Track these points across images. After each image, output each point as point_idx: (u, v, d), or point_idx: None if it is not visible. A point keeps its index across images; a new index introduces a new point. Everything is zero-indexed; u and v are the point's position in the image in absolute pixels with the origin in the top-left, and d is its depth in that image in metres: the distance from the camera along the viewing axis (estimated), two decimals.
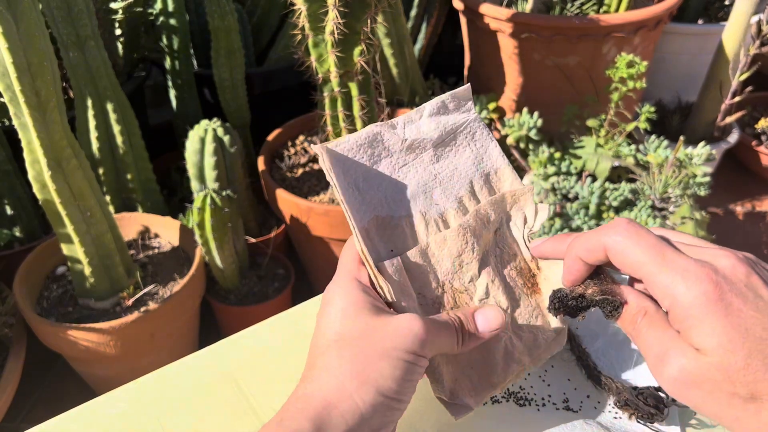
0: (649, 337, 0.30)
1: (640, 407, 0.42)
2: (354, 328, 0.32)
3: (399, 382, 0.31)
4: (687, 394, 0.28)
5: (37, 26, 0.73)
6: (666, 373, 0.28)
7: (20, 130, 0.78)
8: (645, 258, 0.29)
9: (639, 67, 1.06)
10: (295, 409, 0.32)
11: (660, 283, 0.28)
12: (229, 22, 1.12)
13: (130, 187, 1.12)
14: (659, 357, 0.29)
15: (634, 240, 0.30)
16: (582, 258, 0.33)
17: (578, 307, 0.34)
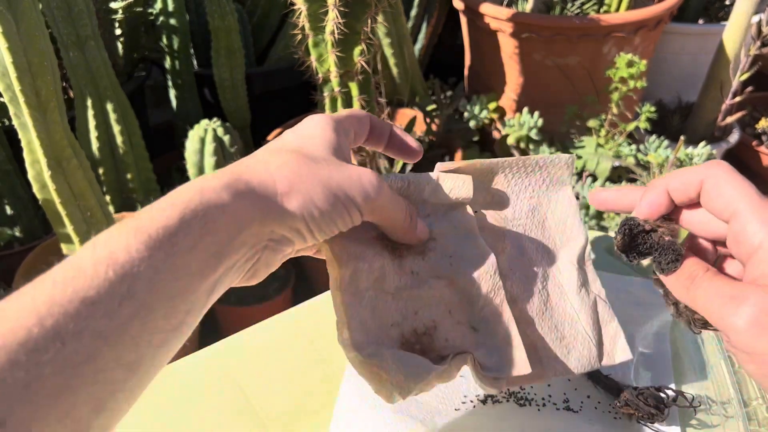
0: (714, 285, 0.28)
1: (640, 407, 0.42)
2: (314, 151, 0.30)
3: (322, 214, 0.29)
4: (758, 341, 0.26)
5: (37, 26, 0.73)
6: (741, 313, 0.26)
7: (20, 130, 0.78)
8: (742, 196, 0.28)
9: (638, 67, 1.06)
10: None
11: (758, 220, 0.27)
12: (229, 22, 1.12)
13: (130, 187, 1.12)
14: (733, 297, 0.27)
15: (733, 176, 0.29)
16: (671, 192, 0.31)
17: (643, 244, 0.32)
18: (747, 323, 0.26)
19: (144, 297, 0.23)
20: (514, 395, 0.44)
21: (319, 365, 0.48)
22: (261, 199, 0.27)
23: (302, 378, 0.47)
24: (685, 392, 0.43)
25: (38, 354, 0.20)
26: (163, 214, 0.24)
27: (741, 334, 0.26)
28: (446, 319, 0.34)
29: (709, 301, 0.28)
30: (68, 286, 0.22)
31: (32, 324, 0.20)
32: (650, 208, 0.32)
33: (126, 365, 0.23)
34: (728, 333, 0.27)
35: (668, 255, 0.31)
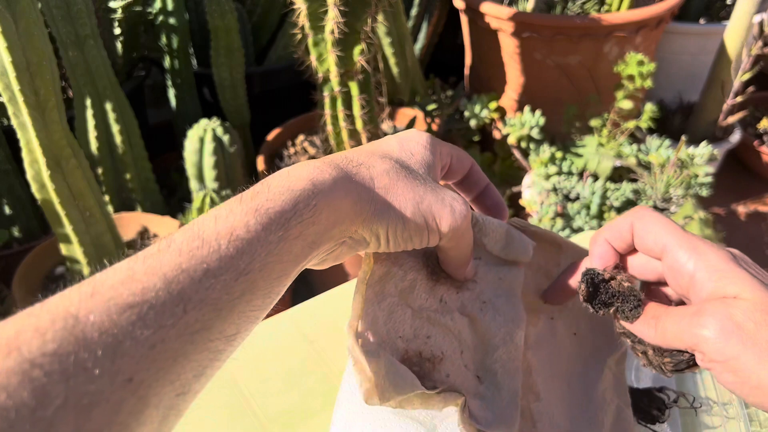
0: (678, 312, 0.30)
1: (641, 409, 0.42)
2: (414, 167, 0.31)
3: (406, 230, 0.30)
4: (727, 345, 0.27)
5: (36, 25, 0.73)
6: (707, 324, 0.28)
7: (19, 130, 0.77)
8: (668, 232, 0.31)
9: (648, 66, 1.06)
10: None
11: (686, 249, 0.30)
12: (228, 21, 1.11)
13: (129, 186, 1.11)
14: (696, 314, 0.29)
15: (658, 217, 0.32)
16: (609, 241, 0.34)
17: (605, 292, 0.33)
18: (714, 332, 0.28)
19: (255, 276, 0.24)
20: None
21: (318, 365, 0.48)
22: (359, 200, 0.28)
23: (302, 378, 0.47)
24: (687, 393, 0.42)
25: (164, 317, 0.21)
26: (281, 198, 0.26)
27: (711, 343, 0.28)
28: (455, 357, 0.34)
29: (677, 327, 0.30)
30: (193, 255, 0.23)
31: (160, 287, 0.22)
32: (600, 259, 0.34)
33: (227, 337, 0.24)
34: (701, 347, 0.28)
35: (630, 302, 0.33)
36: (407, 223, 0.29)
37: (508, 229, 0.37)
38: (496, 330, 0.35)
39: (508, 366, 0.34)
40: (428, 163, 0.32)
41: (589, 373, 0.39)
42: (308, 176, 0.27)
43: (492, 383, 0.34)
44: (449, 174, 0.37)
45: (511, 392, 0.33)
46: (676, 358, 0.32)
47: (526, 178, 1.22)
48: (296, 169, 0.28)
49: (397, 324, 0.33)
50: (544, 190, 1.13)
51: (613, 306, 0.33)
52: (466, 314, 0.35)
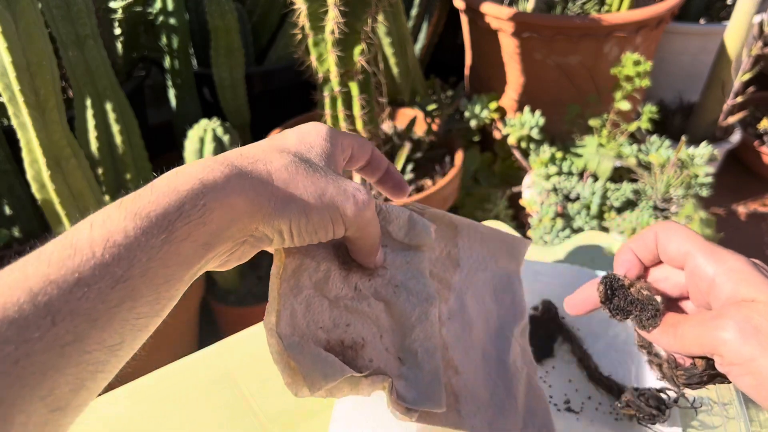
0: (696, 318, 0.30)
1: (641, 408, 0.42)
2: (314, 159, 0.31)
3: (310, 223, 0.29)
4: (746, 347, 0.27)
5: (36, 25, 0.73)
6: (726, 326, 0.28)
7: (19, 130, 0.77)
8: (690, 239, 0.32)
9: (645, 66, 1.06)
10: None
11: (707, 255, 0.31)
12: (228, 21, 1.11)
13: (129, 186, 1.11)
14: (715, 317, 0.29)
15: (681, 227, 0.33)
16: (635, 251, 0.35)
17: (623, 298, 0.34)
18: (733, 334, 0.28)
19: (136, 282, 0.23)
20: None
21: None
22: (256, 196, 0.27)
23: None
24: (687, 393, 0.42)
25: (28, 331, 0.20)
26: (165, 199, 0.24)
27: (730, 345, 0.28)
28: (375, 342, 0.34)
29: (696, 331, 0.30)
30: (63, 265, 0.22)
31: (24, 300, 0.21)
32: (624, 265, 0.35)
33: (109, 347, 0.23)
34: (719, 350, 0.29)
35: (648, 311, 0.33)
36: (311, 216, 0.29)
37: (410, 214, 0.37)
38: (411, 311, 0.35)
39: (426, 344, 0.35)
40: (328, 154, 0.32)
41: (499, 344, 0.41)
42: (197, 175, 0.26)
43: (413, 363, 0.34)
44: (351, 161, 0.36)
45: (432, 369, 0.34)
46: (689, 372, 0.33)
47: (527, 179, 1.22)
48: (185, 168, 0.27)
49: (315, 315, 0.32)
50: (545, 191, 1.13)
51: (632, 314, 0.33)
52: (381, 299, 0.35)
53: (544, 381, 0.46)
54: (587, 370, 0.46)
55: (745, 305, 0.28)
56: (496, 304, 0.43)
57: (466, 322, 0.40)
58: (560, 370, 0.47)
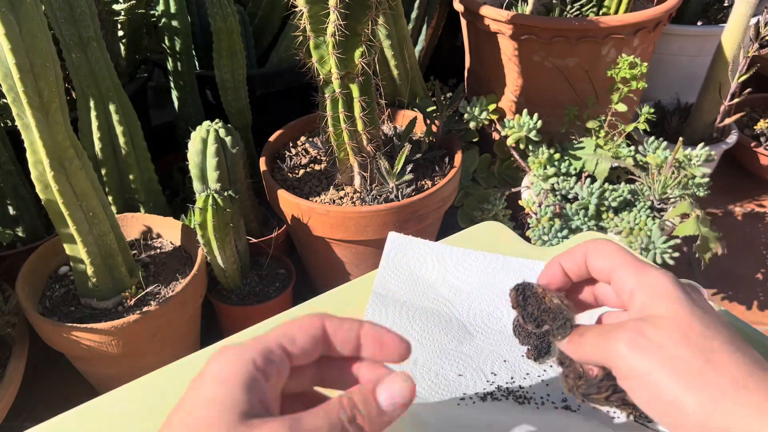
0: (597, 329, 0.31)
1: (638, 408, 0.43)
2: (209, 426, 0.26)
3: None
4: (638, 361, 0.27)
5: (39, 27, 0.73)
6: (620, 338, 0.28)
7: (23, 131, 0.78)
8: (617, 254, 0.33)
9: (640, 68, 1.07)
10: None
11: (630, 268, 0.31)
12: (231, 24, 1.12)
13: (132, 187, 1.12)
14: (611, 330, 0.29)
15: (610, 243, 0.34)
16: (563, 264, 0.35)
17: (534, 305, 0.34)
18: (626, 347, 0.28)
19: None
20: (513, 394, 0.45)
21: None
22: None
23: None
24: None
25: None
26: None
27: (623, 359, 0.28)
28: None
29: (595, 342, 0.30)
30: None
31: None
32: (545, 278, 0.35)
33: None
34: (614, 362, 0.29)
35: (558, 320, 0.34)
36: None
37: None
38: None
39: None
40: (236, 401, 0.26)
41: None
42: None
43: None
44: (304, 357, 0.29)
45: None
46: (589, 383, 0.33)
47: (525, 179, 1.23)
48: None
49: None
50: (543, 191, 1.14)
51: (545, 322, 0.34)
52: None
53: (542, 379, 0.47)
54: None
55: (646, 319, 0.28)
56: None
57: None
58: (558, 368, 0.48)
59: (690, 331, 0.27)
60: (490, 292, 0.50)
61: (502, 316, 0.52)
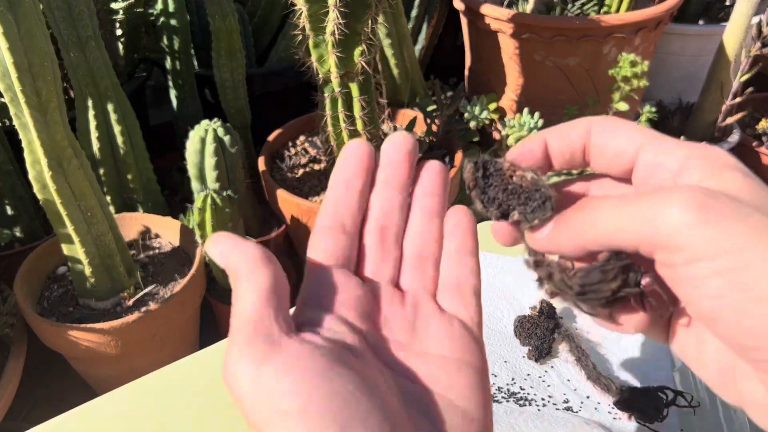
0: (617, 197, 0.21)
1: (639, 408, 0.42)
2: None
3: None
4: (716, 231, 0.17)
5: (38, 26, 0.73)
6: (675, 201, 0.18)
7: (21, 131, 0.78)
8: (642, 134, 0.23)
9: (642, 66, 1.06)
10: None
11: (671, 148, 0.22)
12: (230, 23, 1.12)
13: (130, 187, 1.12)
14: (655, 192, 0.19)
15: (626, 122, 0.24)
16: (549, 142, 0.25)
17: (501, 188, 0.24)
18: (691, 212, 0.18)
19: None
20: (514, 396, 0.44)
21: None
22: None
23: None
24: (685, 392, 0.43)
25: None
26: None
27: (683, 233, 0.18)
28: None
29: (619, 213, 0.20)
30: None
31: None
32: (517, 154, 0.25)
33: None
34: (666, 238, 0.18)
35: (534, 200, 0.24)
36: None
37: None
38: None
39: None
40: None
41: None
42: None
43: None
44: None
45: None
46: (586, 271, 0.22)
47: None
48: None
49: None
50: None
51: (511, 207, 0.24)
52: None
53: (543, 380, 0.46)
54: (586, 369, 0.47)
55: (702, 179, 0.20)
56: None
57: None
58: (558, 369, 0.48)
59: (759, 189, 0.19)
60: (489, 293, 0.50)
61: (503, 316, 0.51)
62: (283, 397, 0.20)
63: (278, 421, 0.20)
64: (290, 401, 0.20)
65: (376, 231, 0.28)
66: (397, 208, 0.28)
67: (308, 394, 0.20)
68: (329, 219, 0.27)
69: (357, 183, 0.28)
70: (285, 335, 0.21)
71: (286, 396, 0.20)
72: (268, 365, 0.20)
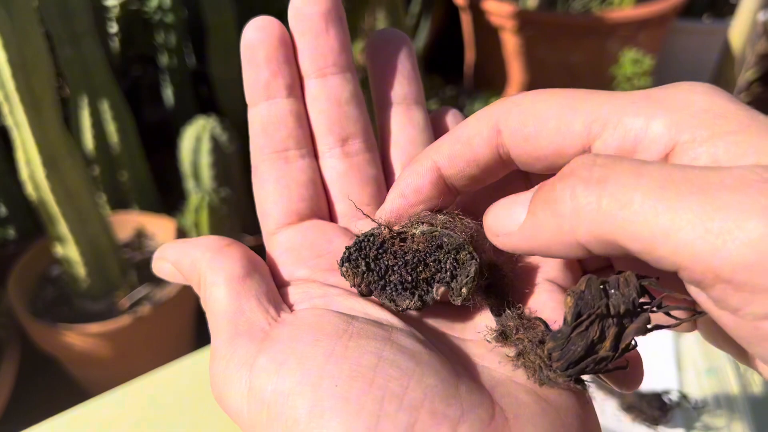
0: (664, 165, 0.14)
1: (644, 411, 0.42)
2: None
3: None
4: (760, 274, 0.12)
5: (31, 23, 0.72)
6: (753, 212, 0.12)
7: (14, 129, 0.77)
8: (594, 98, 0.17)
9: (643, 65, 1.05)
10: None
11: (644, 106, 0.16)
12: (225, 19, 1.10)
13: (125, 186, 1.10)
14: (730, 192, 0.12)
15: (549, 93, 0.18)
16: (439, 164, 0.18)
17: (395, 260, 0.18)
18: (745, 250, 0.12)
19: None
20: None
21: None
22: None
23: None
24: (689, 394, 0.42)
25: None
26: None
27: (763, 266, 0.12)
28: None
29: (663, 215, 0.13)
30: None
31: None
32: (400, 200, 0.18)
33: None
34: (726, 275, 0.12)
35: (442, 263, 0.18)
36: None
37: None
38: None
39: None
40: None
41: None
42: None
43: None
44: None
45: None
46: (573, 340, 0.15)
47: None
48: None
49: None
50: None
51: (422, 268, 0.18)
52: None
53: None
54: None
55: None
56: None
57: None
58: None
59: None
60: None
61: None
62: (286, 399, 0.15)
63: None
64: (297, 401, 0.15)
65: (337, 146, 0.21)
66: (349, 103, 0.21)
67: (317, 384, 0.15)
68: (265, 154, 0.20)
69: (279, 85, 0.21)
70: (274, 319, 0.17)
71: (291, 396, 0.15)
72: (258, 363, 0.16)
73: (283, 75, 0.21)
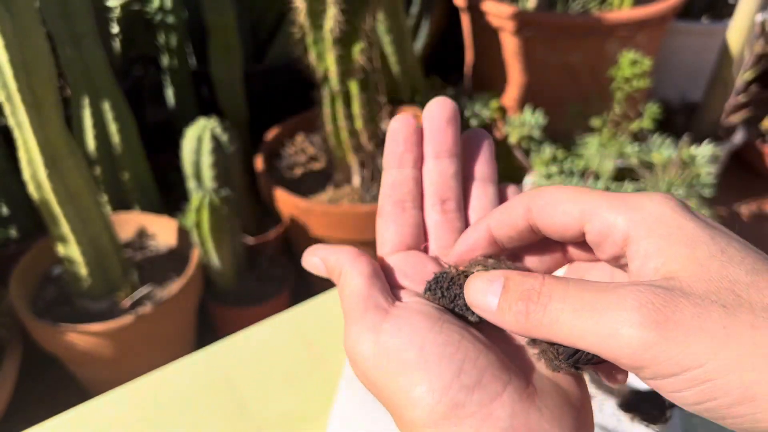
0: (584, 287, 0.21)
1: (642, 410, 0.42)
2: None
3: None
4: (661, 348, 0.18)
5: (33, 23, 0.72)
6: (630, 320, 0.19)
7: (16, 129, 0.77)
8: (583, 194, 0.24)
9: (642, 66, 1.05)
10: None
11: (618, 208, 0.22)
12: (226, 19, 1.11)
13: (127, 186, 1.11)
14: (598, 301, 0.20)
15: (566, 187, 0.25)
16: (492, 228, 0.27)
17: (450, 298, 0.26)
18: (646, 329, 0.19)
19: None
20: None
21: (317, 367, 0.47)
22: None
23: (300, 380, 0.46)
24: None
25: None
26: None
27: (644, 356, 0.19)
28: None
29: (577, 323, 0.21)
30: None
31: None
32: (465, 245, 0.28)
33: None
34: (623, 362, 0.20)
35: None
36: None
37: None
38: None
39: None
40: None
41: None
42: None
43: None
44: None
45: None
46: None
47: (528, 178, 1.21)
48: None
49: None
50: None
51: (461, 308, 0.26)
52: None
53: None
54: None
55: (656, 282, 0.20)
56: None
57: None
58: None
59: (736, 285, 0.19)
60: None
61: None
62: (401, 350, 0.23)
63: (402, 371, 0.23)
64: (408, 353, 0.23)
65: (438, 205, 0.30)
66: (452, 178, 0.30)
67: (422, 345, 0.23)
68: (390, 202, 0.30)
69: (408, 159, 0.31)
70: (391, 304, 0.25)
71: (404, 349, 0.23)
72: (383, 327, 0.24)
73: (412, 152, 0.31)
